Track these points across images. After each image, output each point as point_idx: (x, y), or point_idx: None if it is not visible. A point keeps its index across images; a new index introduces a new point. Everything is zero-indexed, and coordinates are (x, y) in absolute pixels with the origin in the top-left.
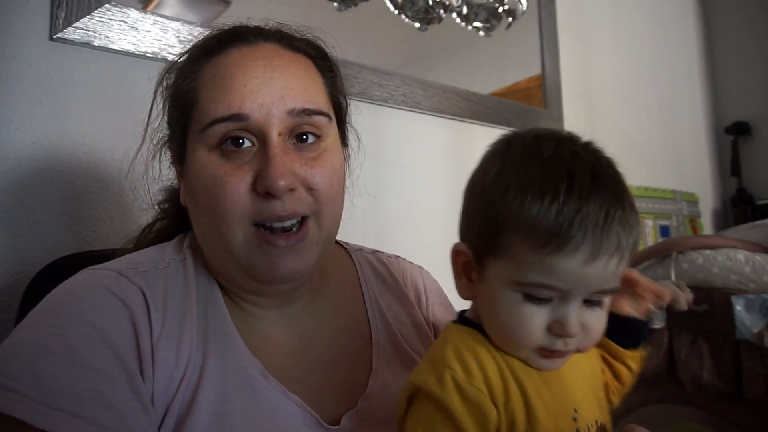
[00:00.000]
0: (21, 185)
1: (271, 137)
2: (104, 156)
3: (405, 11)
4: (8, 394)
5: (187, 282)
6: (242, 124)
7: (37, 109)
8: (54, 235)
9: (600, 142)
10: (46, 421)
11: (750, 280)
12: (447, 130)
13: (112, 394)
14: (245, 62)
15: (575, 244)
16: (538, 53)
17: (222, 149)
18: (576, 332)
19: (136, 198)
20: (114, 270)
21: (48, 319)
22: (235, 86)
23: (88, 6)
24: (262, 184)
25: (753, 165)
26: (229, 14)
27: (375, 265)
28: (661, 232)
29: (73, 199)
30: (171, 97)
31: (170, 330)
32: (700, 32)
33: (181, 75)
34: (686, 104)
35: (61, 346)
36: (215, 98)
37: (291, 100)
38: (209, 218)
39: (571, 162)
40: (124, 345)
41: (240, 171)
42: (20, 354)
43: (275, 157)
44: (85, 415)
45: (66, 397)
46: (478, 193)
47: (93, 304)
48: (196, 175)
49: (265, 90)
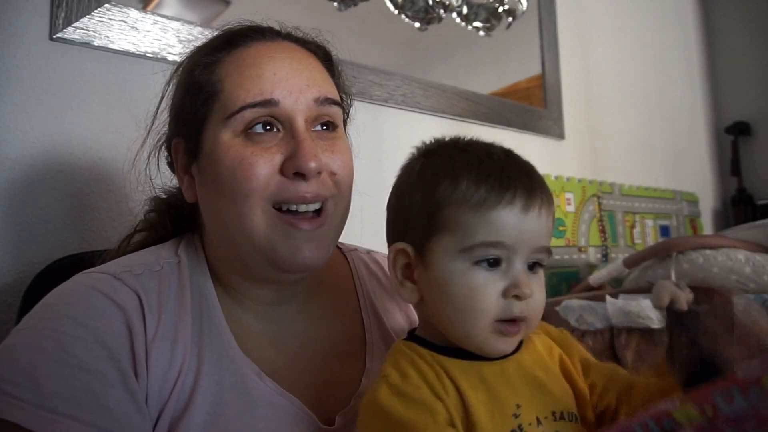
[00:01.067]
0: (21, 185)
1: (298, 122)
2: (104, 156)
3: (405, 11)
4: (6, 398)
5: (182, 284)
6: (272, 109)
7: (37, 109)
8: (54, 235)
9: (600, 142)
10: (43, 424)
11: (750, 280)
12: (447, 130)
13: (107, 395)
14: (272, 53)
15: (511, 194)
16: (538, 53)
17: (248, 134)
18: (529, 292)
19: (137, 198)
20: (109, 273)
21: (44, 322)
22: (265, 74)
23: (88, 6)
24: (293, 164)
25: (753, 165)
26: (229, 14)
27: (369, 264)
28: (661, 232)
29: (73, 198)
30: (187, 90)
31: (165, 332)
32: (700, 32)
33: (199, 67)
34: (686, 104)
35: (56, 349)
36: (244, 85)
37: (316, 89)
38: (231, 202)
39: (485, 145)
40: (118, 347)
41: (267, 152)
42: (17, 357)
43: (305, 141)
44: (82, 417)
45: (62, 399)
46: (407, 190)
47: (88, 307)
48: (220, 159)
49: (293, 78)
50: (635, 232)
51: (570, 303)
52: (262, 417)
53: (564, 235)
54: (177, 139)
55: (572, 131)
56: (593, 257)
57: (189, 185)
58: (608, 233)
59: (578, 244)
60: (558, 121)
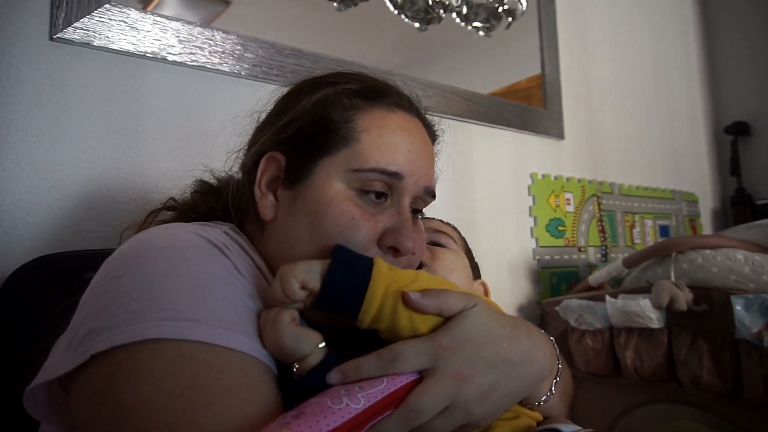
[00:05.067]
0: (20, 185)
1: (406, 201)
2: (104, 155)
3: (405, 11)
4: (189, 324)
5: (245, 250)
6: (394, 181)
7: (36, 109)
8: (54, 235)
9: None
10: (222, 338)
11: (749, 280)
12: (447, 130)
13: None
14: (410, 129)
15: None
16: (538, 53)
17: (362, 193)
18: (411, 246)
19: (142, 199)
20: (190, 231)
21: (168, 259)
22: (402, 148)
23: (88, 6)
24: (394, 239)
25: (752, 165)
26: (229, 14)
27: None
28: (661, 232)
29: (73, 198)
30: (317, 121)
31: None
32: (699, 32)
33: (339, 106)
34: (686, 104)
35: (208, 278)
36: (382, 150)
37: (430, 179)
38: (318, 244)
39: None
40: (242, 281)
41: (374, 220)
42: (170, 289)
43: (409, 221)
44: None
45: (226, 320)
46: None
47: (194, 247)
48: (326, 203)
49: (421, 161)
50: (635, 232)
51: (570, 303)
52: None
53: (563, 235)
54: (277, 154)
55: (572, 131)
56: (593, 257)
57: (271, 204)
58: (608, 233)
59: (578, 244)
60: (558, 121)
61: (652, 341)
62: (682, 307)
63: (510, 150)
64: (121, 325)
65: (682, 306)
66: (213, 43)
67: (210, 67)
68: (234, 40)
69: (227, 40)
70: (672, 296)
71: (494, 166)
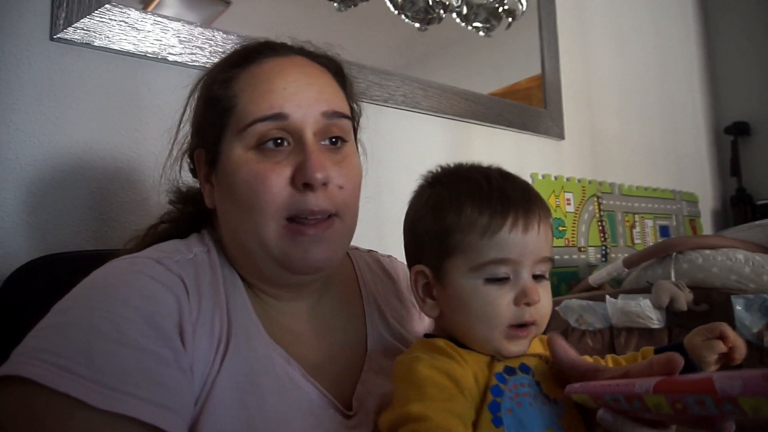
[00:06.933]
0: (21, 185)
1: (307, 136)
2: (104, 155)
3: (405, 11)
4: (63, 373)
5: (214, 272)
6: (282, 123)
7: (37, 109)
8: (54, 235)
9: (600, 142)
10: (101, 399)
11: (750, 280)
12: (447, 130)
13: (162, 374)
14: (283, 68)
15: (512, 217)
16: (538, 53)
17: (260, 148)
18: (537, 297)
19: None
20: (150, 258)
21: (93, 303)
22: (275, 89)
23: (88, 6)
24: (301, 175)
25: (753, 165)
26: (229, 14)
27: (370, 263)
28: (661, 232)
29: (73, 198)
30: (206, 104)
31: (205, 316)
32: (700, 32)
33: (217, 82)
34: (686, 104)
35: (110, 329)
36: (256, 100)
37: (325, 103)
38: (246, 213)
39: (483, 169)
40: (170, 327)
41: (278, 166)
42: (70, 335)
43: (313, 153)
44: (139, 393)
45: (119, 377)
46: (418, 218)
47: (136, 289)
48: (235, 172)
49: (303, 93)
50: (635, 232)
51: (570, 303)
52: (293, 400)
53: (564, 235)
54: (199, 150)
55: (572, 131)
56: (593, 257)
57: (209, 192)
58: (608, 233)
59: (578, 244)
60: (558, 121)
61: (652, 341)
62: (682, 307)
63: (510, 150)
64: (14, 358)
65: (682, 306)
66: (213, 44)
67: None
68: (234, 40)
69: (228, 41)
70: (672, 296)
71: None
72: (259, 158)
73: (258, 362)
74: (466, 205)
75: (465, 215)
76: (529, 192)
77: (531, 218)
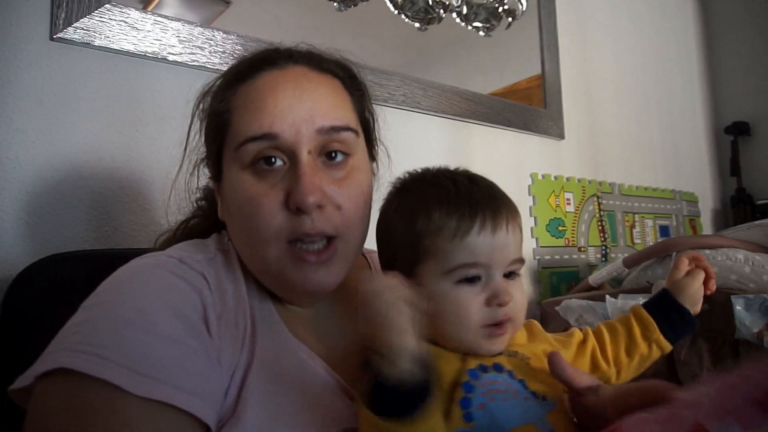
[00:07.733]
0: (20, 185)
1: (301, 155)
2: (104, 156)
3: (405, 11)
4: (93, 358)
5: (235, 271)
6: (273, 143)
7: (37, 109)
8: (54, 235)
9: (600, 142)
10: (131, 383)
11: (750, 280)
12: (447, 130)
13: (191, 362)
14: (276, 84)
15: (480, 220)
16: (538, 53)
17: (255, 168)
18: (509, 298)
19: (142, 198)
20: (173, 257)
21: (121, 296)
22: (266, 107)
23: (88, 6)
24: (294, 200)
25: (752, 165)
26: (229, 14)
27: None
28: (661, 232)
29: (73, 198)
30: (207, 118)
31: (228, 311)
32: (700, 32)
33: (216, 98)
34: (686, 104)
35: (139, 318)
36: (248, 119)
37: (319, 119)
38: (245, 234)
39: (450, 173)
40: (195, 320)
41: (273, 190)
42: (100, 325)
43: (305, 175)
44: (168, 379)
45: (148, 363)
46: (390, 225)
47: (162, 284)
48: (231, 193)
49: (294, 110)
50: (635, 232)
51: (570, 303)
52: (318, 392)
53: (564, 235)
54: (209, 161)
55: (572, 131)
56: (593, 257)
57: (220, 204)
58: (608, 233)
59: (578, 244)
60: (558, 121)
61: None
62: None
63: (510, 150)
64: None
65: None
66: (213, 43)
67: (210, 67)
68: (234, 40)
69: (227, 40)
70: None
71: (494, 165)
72: (254, 180)
73: (283, 355)
74: (434, 210)
75: (433, 220)
76: (496, 193)
77: (499, 219)
